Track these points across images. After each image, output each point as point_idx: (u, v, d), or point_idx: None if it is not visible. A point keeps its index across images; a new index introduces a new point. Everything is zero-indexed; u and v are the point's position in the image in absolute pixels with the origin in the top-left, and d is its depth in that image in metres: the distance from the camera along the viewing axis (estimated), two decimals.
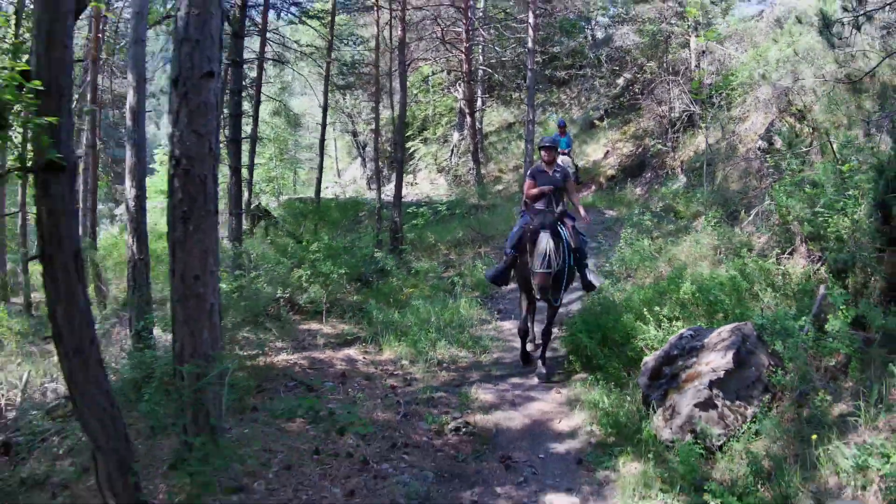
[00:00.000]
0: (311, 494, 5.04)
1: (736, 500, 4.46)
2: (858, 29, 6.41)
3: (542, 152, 7.95)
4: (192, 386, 4.31)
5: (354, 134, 29.62)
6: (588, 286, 7.95)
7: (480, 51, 22.83)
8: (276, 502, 4.88)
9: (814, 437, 4.68)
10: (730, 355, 5.42)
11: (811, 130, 9.40)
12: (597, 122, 22.58)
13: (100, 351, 4.02)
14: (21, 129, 3.94)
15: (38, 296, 15.70)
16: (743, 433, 5.19)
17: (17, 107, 3.23)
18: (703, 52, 16.34)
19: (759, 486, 4.63)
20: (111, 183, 23.35)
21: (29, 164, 3.56)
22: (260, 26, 15.94)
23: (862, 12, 6.24)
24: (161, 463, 5.13)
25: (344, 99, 25.93)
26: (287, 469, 5.31)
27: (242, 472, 5.12)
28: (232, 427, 5.80)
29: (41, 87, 3.20)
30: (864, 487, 4.31)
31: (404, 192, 14.07)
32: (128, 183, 8.05)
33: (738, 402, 5.36)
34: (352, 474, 5.39)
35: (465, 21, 20.68)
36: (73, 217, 3.63)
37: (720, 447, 5.20)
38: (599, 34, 24.51)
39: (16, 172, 3.64)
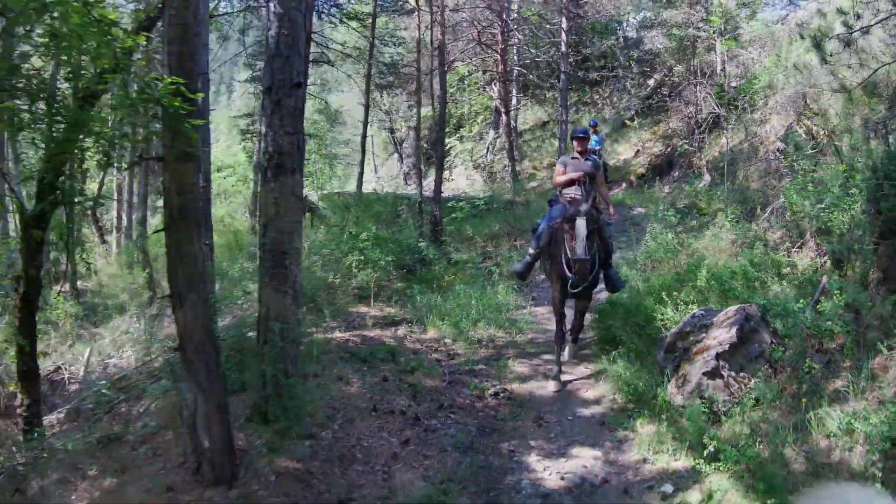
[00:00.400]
0: (371, 442, 5.90)
1: (735, 451, 5.08)
2: (849, 45, 6.98)
3: (574, 142, 7.96)
4: (286, 337, 5.17)
5: (392, 131, 30.03)
6: (611, 287, 7.97)
7: (515, 52, 23.04)
8: (343, 447, 5.72)
9: (803, 400, 5.38)
10: (734, 331, 6.09)
11: (826, 133, 9.99)
12: (628, 122, 22.90)
13: (209, 306, 4.89)
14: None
15: (80, 283, 16.64)
16: (746, 401, 5.75)
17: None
18: (728, 56, 16.76)
19: (757, 444, 5.22)
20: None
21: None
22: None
23: (856, 29, 6.83)
24: (237, 418, 5.85)
25: (382, 97, 26.35)
26: (349, 422, 6.14)
27: (311, 423, 5.94)
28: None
29: (194, 98, 4.06)
30: (850, 449, 4.92)
31: (441, 187, 14.72)
32: None
33: (742, 374, 5.98)
34: (405, 428, 6.24)
35: (500, 23, 20.94)
36: (197, 197, 4.50)
37: (725, 412, 5.79)
38: (632, 34, 24.79)
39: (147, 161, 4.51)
